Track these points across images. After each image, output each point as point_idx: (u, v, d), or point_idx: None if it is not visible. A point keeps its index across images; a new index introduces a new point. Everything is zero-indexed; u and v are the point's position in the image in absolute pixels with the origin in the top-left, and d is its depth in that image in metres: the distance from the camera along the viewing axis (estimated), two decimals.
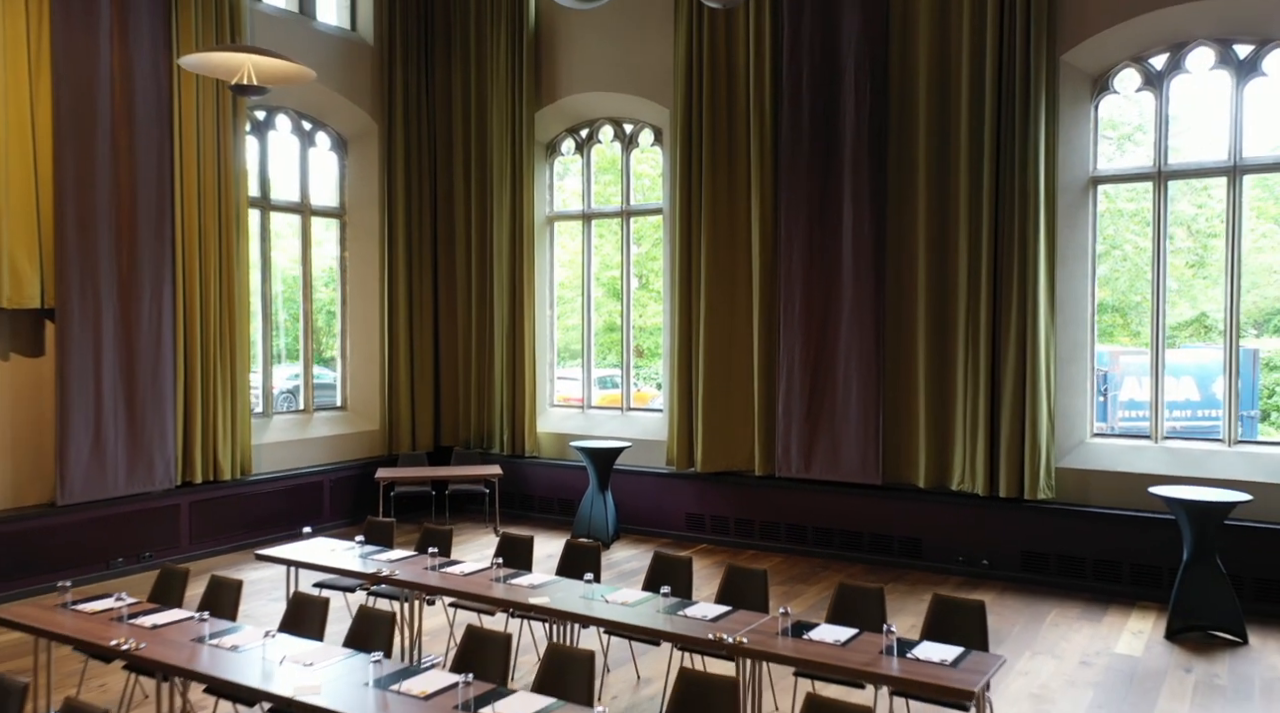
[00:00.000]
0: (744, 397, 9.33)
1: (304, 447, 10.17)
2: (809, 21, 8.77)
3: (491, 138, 10.76)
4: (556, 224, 11.16)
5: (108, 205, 8.07)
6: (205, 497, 8.90)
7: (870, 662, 4.32)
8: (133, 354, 8.28)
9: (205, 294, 8.85)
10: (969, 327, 8.22)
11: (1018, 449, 8.03)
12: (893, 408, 8.65)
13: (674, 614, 5.00)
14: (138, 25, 8.24)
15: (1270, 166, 7.79)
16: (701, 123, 9.40)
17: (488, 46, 10.75)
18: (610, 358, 11.17)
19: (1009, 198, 8.01)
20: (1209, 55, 7.79)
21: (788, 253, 8.96)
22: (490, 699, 3.84)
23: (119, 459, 8.19)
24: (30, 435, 7.90)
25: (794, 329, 8.95)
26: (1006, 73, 8.00)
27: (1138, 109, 9.38)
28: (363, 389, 10.95)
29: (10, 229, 7.47)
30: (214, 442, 8.95)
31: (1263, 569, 7.13)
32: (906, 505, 8.58)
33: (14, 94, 7.50)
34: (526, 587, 5.51)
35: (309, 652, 4.39)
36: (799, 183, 8.88)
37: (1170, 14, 7.67)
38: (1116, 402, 11.72)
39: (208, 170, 8.86)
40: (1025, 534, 8.07)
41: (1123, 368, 11.92)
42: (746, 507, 9.33)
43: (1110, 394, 11.68)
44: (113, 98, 8.11)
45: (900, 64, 8.52)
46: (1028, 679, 5.91)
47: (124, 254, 8.21)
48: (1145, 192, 8.46)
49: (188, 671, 4.27)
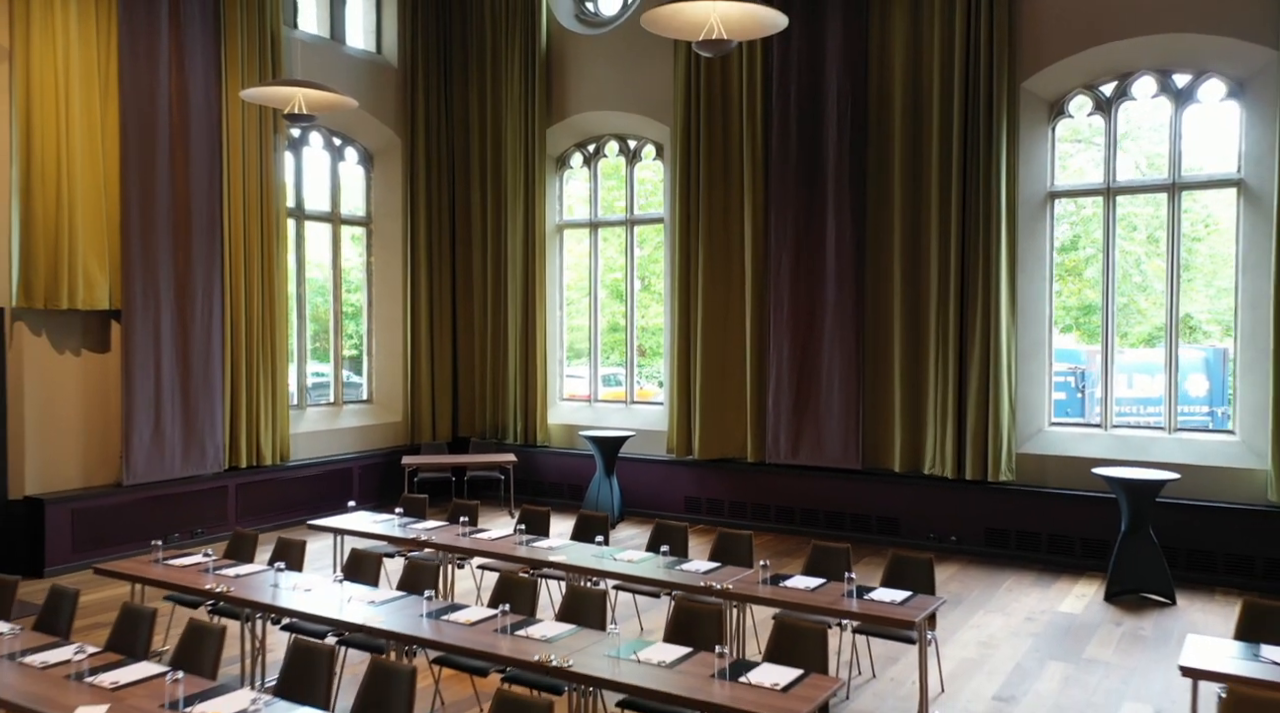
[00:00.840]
0: (737, 390, 10.25)
1: (335, 436, 11.11)
2: (796, 51, 9.70)
3: (506, 152, 11.69)
4: (565, 232, 12.09)
5: (166, 216, 9.01)
6: (249, 480, 9.83)
7: (834, 602, 5.24)
8: (187, 350, 9.22)
9: (249, 296, 9.78)
10: (939, 326, 9.14)
11: (982, 436, 8.95)
12: (871, 400, 9.57)
13: (672, 569, 5.92)
14: (193, 56, 9.18)
15: (1204, 184, 8.71)
16: (699, 140, 10.32)
17: (502, 68, 11.68)
18: (614, 357, 12.09)
19: (974, 210, 8.93)
20: (1151, 84, 8.71)
21: (777, 260, 9.88)
22: (522, 626, 4.76)
23: (175, 445, 9.13)
24: (99, 424, 8.84)
25: (782, 329, 9.88)
26: (972, 98, 8.92)
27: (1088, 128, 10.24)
28: (387, 384, 11.88)
29: (84, 239, 8.40)
30: (257, 430, 9.88)
31: (1193, 541, 8.04)
32: (883, 488, 9.50)
33: (86, 118, 8.43)
34: (545, 548, 6.45)
35: (370, 593, 5.32)
36: (787, 196, 9.80)
37: (1117, 47, 8.60)
38: (1093, 397, 12.60)
39: (251, 184, 9.80)
40: (989, 513, 9.00)
41: (1099, 366, 12.81)
42: (739, 490, 10.25)
43: (1087, 390, 12.56)
44: (171, 120, 9.05)
45: (877, 90, 9.44)
46: (978, 631, 6.83)
47: (180, 260, 9.14)
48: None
49: (272, 607, 5.20)
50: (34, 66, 8.10)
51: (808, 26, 9.64)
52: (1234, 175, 8.42)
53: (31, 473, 8.36)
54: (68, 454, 8.64)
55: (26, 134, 8.08)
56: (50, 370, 8.52)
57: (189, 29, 9.14)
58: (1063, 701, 5.58)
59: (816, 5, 9.62)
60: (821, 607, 5.20)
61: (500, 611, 4.81)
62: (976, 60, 8.89)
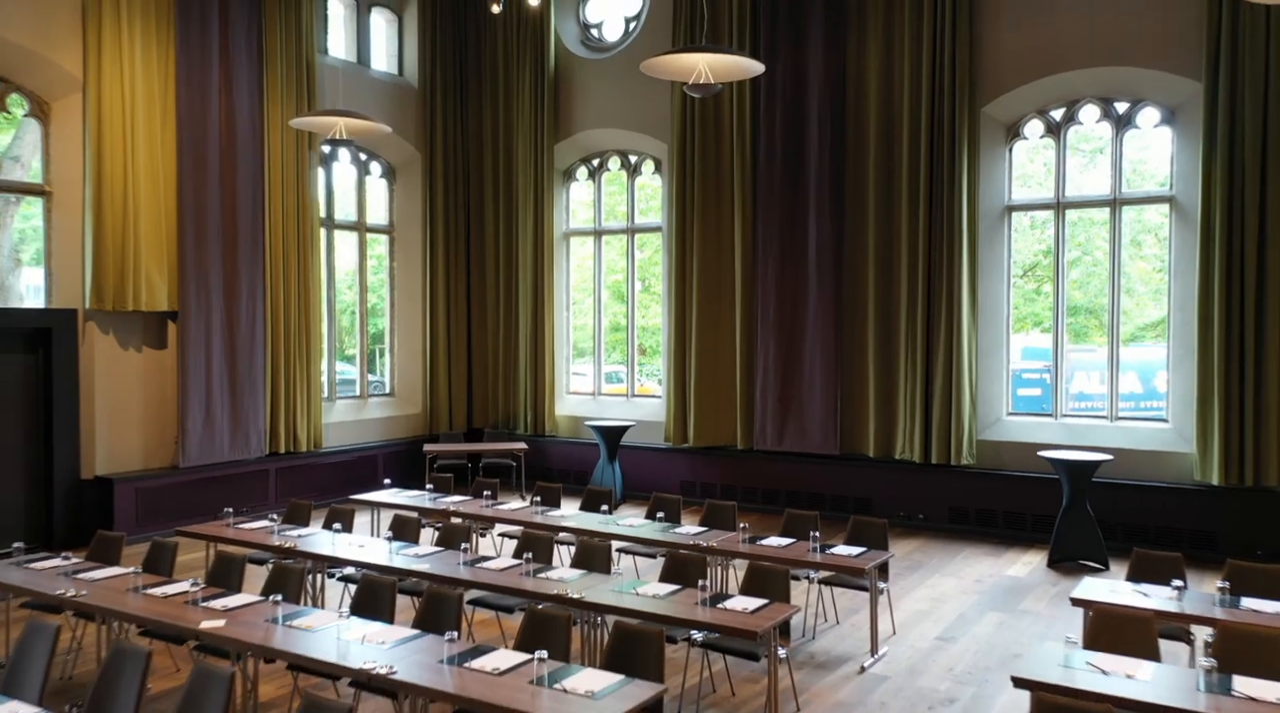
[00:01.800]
0: (728, 384, 11.31)
1: (361, 426, 12.17)
2: (781, 79, 10.75)
3: (517, 165, 12.75)
4: (571, 239, 13.15)
5: (215, 227, 10.07)
6: (287, 464, 10.89)
7: (801, 556, 6.30)
8: (233, 347, 10.28)
9: (287, 298, 10.84)
10: (908, 327, 10.19)
11: (946, 425, 10.00)
12: (848, 393, 10.63)
13: (666, 532, 6.99)
14: (239, 84, 10.24)
15: (1141, 199, 9.77)
16: (694, 157, 11.38)
17: (514, 89, 12.73)
18: (616, 355, 13.14)
19: (940, 222, 9.98)
20: (1095, 111, 9.77)
21: (764, 267, 10.94)
22: (542, 571, 5.82)
23: (224, 432, 10.20)
24: (157, 413, 9.90)
25: (768, 329, 10.93)
26: (938, 122, 9.97)
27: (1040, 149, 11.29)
28: (408, 378, 12.95)
29: (146, 248, 9.46)
30: (294, 419, 10.95)
31: (1128, 515, 9.09)
32: (859, 471, 10.56)
33: (148, 142, 9.49)
34: (558, 517, 7.52)
35: (413, 549, 6.39)
36: (773, 209, 10.86)
37: (1065, 78, 9.65)
38: (1067, 393, 13.63)
39: (289, 197, 10.86)
40: (951, 493, 10.05)
41: (1073, 363, 13.84)
42: (731, 474, 11.31)
43: (1062, 387, 13.59)
44: (220, 142, 10.11)
45: (854, 114, 10.50)
46: (931, 590, 7.89)
47: (227, 266, 10.21)
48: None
49: (333, 558, 6.27)
50: (104, 96, 9.17)
51: (791, 57, 10.70)
52: (1167, 192, 9.49)
53: (100, 456, 9.43)
54: (131, 440, 9.71)
55: (97, 156, 9.14)
56: (116, 365, 9.58)
57: (236, 59, 10.21)
58: (994, 640, 6.65)
59: (799, 37, 10.67)
60: (790, 559, 6.25)
61: (524, 559, 5.87)
62: (942, 88, 9.94)
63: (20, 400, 9.04)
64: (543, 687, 3.93)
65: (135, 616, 5.02)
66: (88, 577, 5.63)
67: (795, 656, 6.24)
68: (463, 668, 4.13)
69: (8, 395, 8.95)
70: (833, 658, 6.27)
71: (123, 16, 9.22)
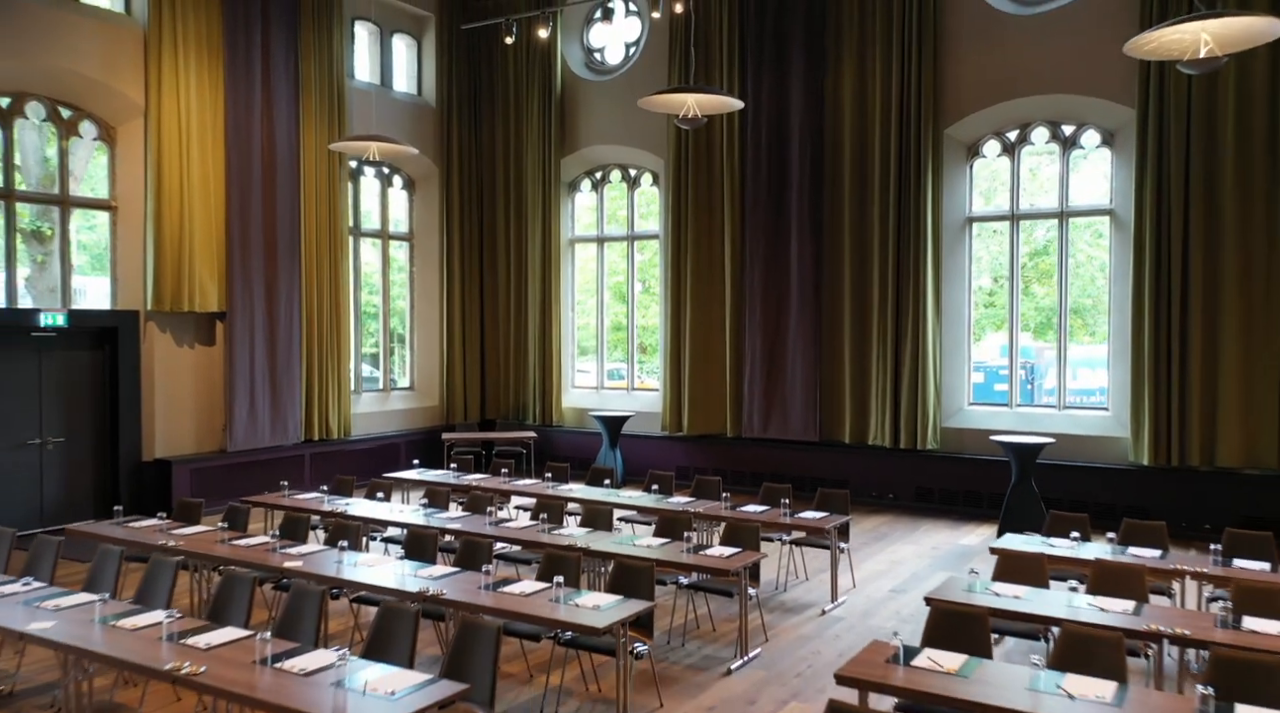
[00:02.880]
0: (719, 378, 12.47)
1: (385, 416, 13.35)
2: (766, 103, 11.92)
3: (526, 178, 13.92)
4: (576, 245, 14.33)
5: (259, 237, 11.25)
6: (320, 450, 12.06)
7: (773, 518, 7.46)
8: (274, 344, 11.46)
9: (320, 300, 12.01)
10: (880, 326, 11.35)
11: (913, 414, 11.16)
12: (826, 386, 11.79)
13: (660, 501, 8.16)
14: (279, 108, 11.41)
15: (1085, 212, 10.94)
16: (688, 171, 12.54)
17: (524, 108, 13.91)
18: (618, 353, 14.31)
19: (908, 232, 11.14)
20: (1045, 133, 10.93)
21: (751, 271, 12.10)
22: (555, 529, 6.99)
23: (266, 420, 11.37)
24: (206, 403, 11.08)
25: (755, 329, 12.10)
26: (905, 142, 11.12)
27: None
28: (426, 373, 14.13)
29: (199, 256, 10.64)
30: (326, 410, 12.12)
31: (1071, 492, 10.24)
32: (836, 456, 11.73)
33: (200, 161, 10.66)
34: (567, 490, 8.69)
35: (446, 513, 7.56)
36: (759, 220, 12.02)
37: (1018, 104, 10.81)
38: (1041, 388, 14.77)
39: (321, 209, 12.03)
40: (918, 475, 11.22)
41: (1046, 361, 14.97)
42: (721, 459, 12.47)
43: (1036, 382, 14.72)
44: (262, 160, 11.28)
45: (831, 134, 11.65)
46: (891, 555, 9.06)
47: (269, 271, 11.38)
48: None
49: (382, 520, 7.45)
50: (163, 121, 10.34)
51: (775, 83, 11.87)
52: (1107, 206, 10.65)
53: (159, 441, 10.61)
54: (184, 427, 10.89)
55: (157, 175, 10.31)
56: (171, 360, 10.76)
57: (276, 86, 11.38)
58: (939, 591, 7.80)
59: (782, 66, 11.84)
60: (764, 521, 7.42)
61: (540, 519, 7.05)
62: (909, 112, 11.10)
63: (90, 391, 10.22)
64: (559, 603, 5.10)
65: (228, 558, 6.19)
66: (180, 532, 6.81)
67: (767, 604, 7.41)
68: (497, 592, 5.30)
69: (80, 387, 10.13)
70: (799, 605, 7.44)
71: (179, 51, 10.39)
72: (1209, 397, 9.69)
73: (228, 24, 10.81)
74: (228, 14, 10.80)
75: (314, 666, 4.15)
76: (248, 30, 11.02)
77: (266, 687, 3.95)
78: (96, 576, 5.81)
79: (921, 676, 4.10)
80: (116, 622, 4.74)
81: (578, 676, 5.87)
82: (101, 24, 10.07)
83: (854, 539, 9.28)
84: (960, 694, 3.91)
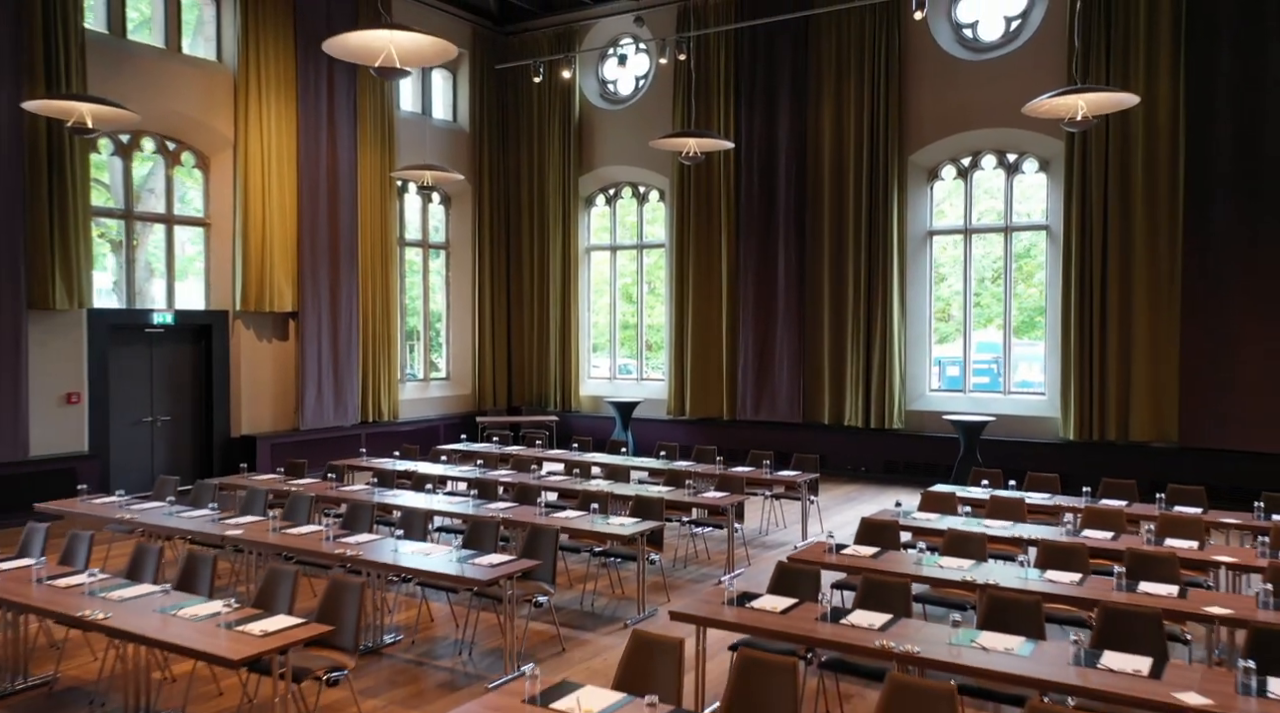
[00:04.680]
0: (717, 368, 14.44)
1: (426, 403, 15.34)
2: (758, 131, 13.88)
3: (548, 194, 15.89)
4: (592, 253, 16.30)
5: (325, 247, 13.23)
6: (374, 430, 14.04)
7: (757, 475, 9.44)
8: (336, 339, 13.44)
9: (373, 301, 13.99)
10: (854, 324, 13.30)
11: (882, 399, 13.12)
12: (808, 375, 13.76)
13: (667, 464, 10.13)
14: (340, 138, 13.40)
15: (1025, 227, 12.89)
16: (690, 189, 14.51)
17: (546, 132, 15.88)
18: (625, 350, 16.27)
19: (877, 244, 13.10)
20: (993, 159, 12.89)
21: (744, 277, 14.07)
22: (584, 481, 8.96)
23: (330, 404, 13.36)
24: (282, 389, 13.06)
25: (748, 326, 14.07)
26: (875, 166, 13.08)
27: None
28: (460, 364, 16.11)
29: (278, 265, 12.62)
30: (378, 395, 14.10)
31: (1010, 462, 12.16)
32: (817, 435, 13.69)
33: (278, 184, 12.64)
34: (590, 456, 10.66)
35: (497, 472, 9.54)
36: (752, 232, 13.99)
37: (969, 136, 12.77)
38: (1010, 380, 16.71)
39: (374, 224, 14.01)
40: (887, 451, 13.18)
41: (1015, 356, 16.89)
42: (718, 438, 14.41)
43: (1007, 374, 16.64)
44: (327, 183, 13.26)
45: (813, 158, 13.61)
46: (857, 512, 10.98)
47: (332, 277, 13.35)
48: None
49: (447, 476, 9.44)
50: (248, 151, 12.31)
51: (765, 117, 13.84)
52: (1043, 222, 12.62)
53: (245, 420, 12.60)
54: (263, 408, 12.87)
55: (245, 196, 12.29)
56: (254, 353, 12.74)
57: (338, 119, 13.37)
58: None
59: (771, 103, 13.80)
60: (749, 478, 9.39)
61: (574, 473, 9.03)
62: (878, 142, 13.05)
63: (189, 378, 12.22)
64: (596, 524, 7.07)
65: (343, 498, 8.16)
66: (296, 483, 8.79)
67: (751, 543, 9.38)
68: (549, 516, 7.27)
69: (182, 375, 12.13)
70: (776, 544, 9.42)
71: (262, 94, 12.37)
72: (1123, 381, 11.65)
73: (300, 68, 12.80)
74: (300, 60, 12.79)
75: (438, 551, 6.12)
76: (316, 73, 13.01)
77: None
78: (250, 502, 7.79)
79: (848, 558, 6.07)
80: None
81: (606, 584, 7.85)
82: (200, 71, 12.06)
83: (828, 502, 11.26)
84: (871, 566, 5.88)
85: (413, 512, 7.02)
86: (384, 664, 6.07)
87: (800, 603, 5.08)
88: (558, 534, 6.36)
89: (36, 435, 10.31)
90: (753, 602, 5.11)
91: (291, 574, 5.28)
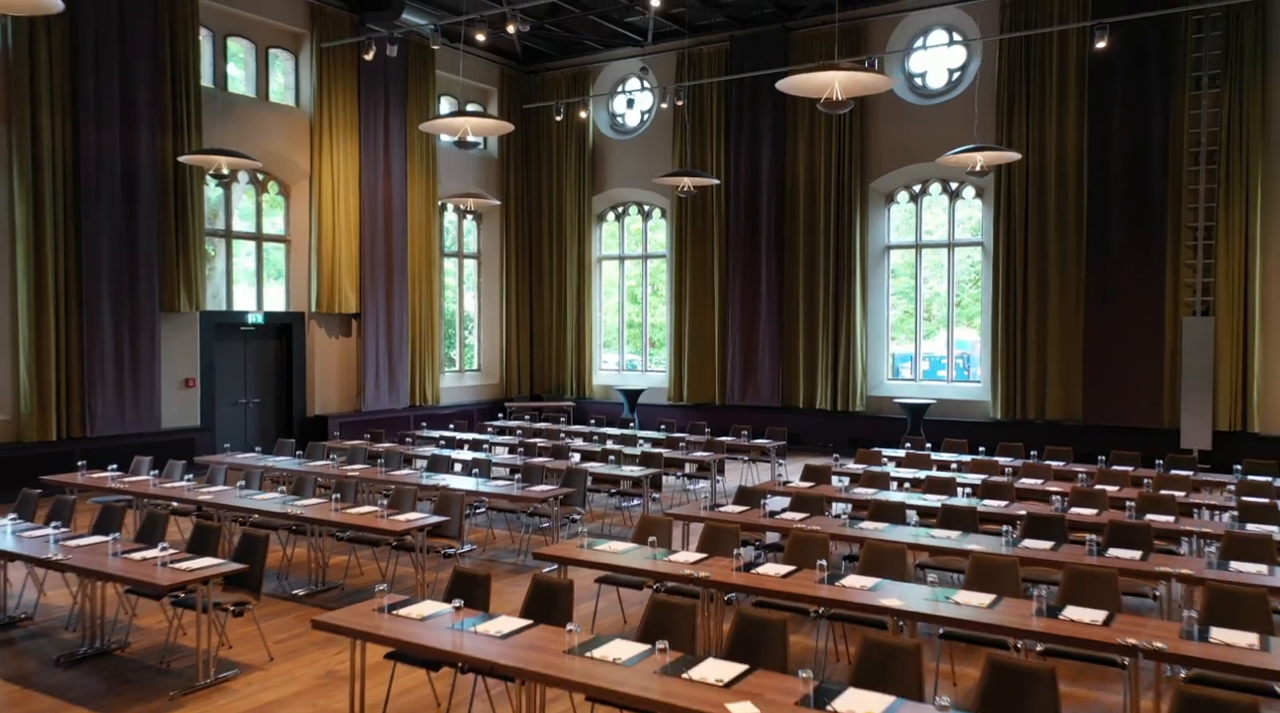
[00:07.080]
0: (710, 360, 17.03)
1: (461, 390, 17.96)
2: (744, 160, 16.47)
3: (566, 211, 18.49)
4: (603, 262, 18.90)
5: (382, 259, 15.83)
6: (421, 413, 16.65)
7: (735, 444, 12.03)
8: (390, 336, 16.05)
9: (419, 303, 16.58)
10: (824, 324, 15.88)
11: (847, 386, 15.70)
12: (786, 366, 16.35)
13: (667, 435, 12.73)
14: (395, 165, 16.01)
15: (965, 243, 15.47)
16: (688, 209, 17.10)
17: (564, 159, 18.47)
18: (631, 346, 18.86)
19: (844, 257, 15.67)
20: (938, 187, 15.48)
21: (733, 284, 16.66)
22: (602, 442, 11.57)
23: (385, 390, 15.97)
24: (346, 377, 15.68)
25: (735, 325, 16.66)
26: (841, 190, 15.65)
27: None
28: (490, 358, 18.73)
29: (344, 274, 15.22)
30: (424, 383, 16.72)
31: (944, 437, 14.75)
32: (794, 417, 16.27)
33: (345, 207, 15.24)
34: (604, 430, 13.28)
35: (535, 440, 12.16)
36: (739, 246, 16.58)
37: (919, 167, 15.35)
38: (974, 374, 19.29)
39: (421, 237, 16.61)
40: (851, 430, 15.76)
41: (979, 352, 19.46)
42: (711, 420, 16.96)
43: (971, 369, 19.22)
44: (384, 205, 15.86)
45: (790, 183, 16.20)
46: None
47: (387, 283, 15.95)
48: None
49: (497, 442, 12.05)
50: (322, 181, 14.92)
51: (750, 148, 16.43)
52: (979, 239, 15.20)
53: (317, 402, 15.22)
54: (332, 393, 15.49)
55: (318, 218, 14.90)
56: (324, 347, 15.36)
57: (393, 150, 15.97)
58: None
59: (755, 136, 16.39)
60: (729, 444, 11.99)
61: (594, 439, 11.64)
62: (845, 171, 15.63)
63: (274, 368, 14.84)
64: (615, 469, 9.66)
65: (419, 454, 10.75)
66: (380, 446, 11.40)
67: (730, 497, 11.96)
68: (584, 464, 9.87)
69: (269, 365, 14.75)
70: None
71: (334, 133, 14.99)
72: (1040, 369, 14.24)
73: (363, 111, 15.40)
74: (363, 104, 15.39)
75: (500, 486, 8.73)
76: (375, 114, 15.62)
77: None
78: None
79: (793, 488, 8.67)
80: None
81: (619, 520, 10.45)
82: (283, 115, 14.68)
83: (796, 470, 13.84)
84: (805, 495, 8.46)
85: (483, 461, 9.62)
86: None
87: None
88: (586, 475, 8.97)
89: (166, 412, 12.94)
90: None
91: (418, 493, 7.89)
